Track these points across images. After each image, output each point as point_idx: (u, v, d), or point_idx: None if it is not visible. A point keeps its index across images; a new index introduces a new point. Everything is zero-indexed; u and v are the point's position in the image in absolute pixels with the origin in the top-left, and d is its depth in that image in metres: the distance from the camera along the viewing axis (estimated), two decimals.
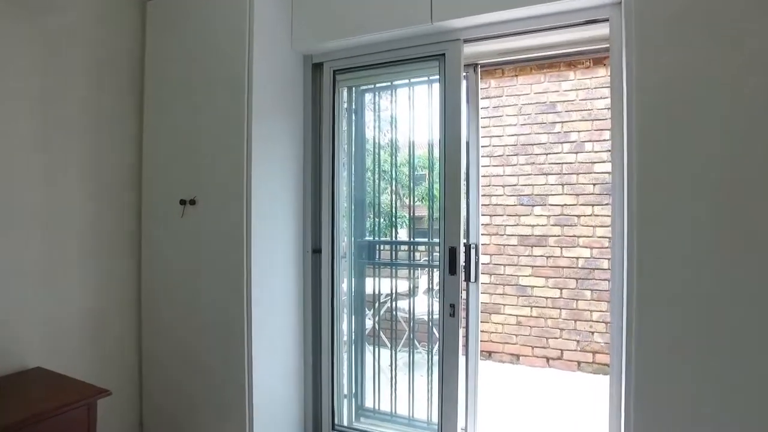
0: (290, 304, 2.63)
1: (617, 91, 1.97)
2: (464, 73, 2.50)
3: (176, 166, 2.47)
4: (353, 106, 3.07)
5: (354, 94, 3.05)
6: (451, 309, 2.37)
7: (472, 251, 2.67)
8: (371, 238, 3.19)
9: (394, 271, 3.12)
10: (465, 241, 2.68)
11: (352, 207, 3.00)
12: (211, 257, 2.37)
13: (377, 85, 3.12)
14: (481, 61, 2.58)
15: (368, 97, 3.24)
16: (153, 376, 2.55)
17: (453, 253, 2.36)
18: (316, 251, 2.76)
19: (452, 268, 2.36)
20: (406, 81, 2.86)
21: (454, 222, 2.36)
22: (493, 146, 4.53)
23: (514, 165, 4.43)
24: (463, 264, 2.44)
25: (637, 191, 1.73)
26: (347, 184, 2.97)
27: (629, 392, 1.76)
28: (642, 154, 1.72)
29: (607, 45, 2.09)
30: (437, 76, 2.45)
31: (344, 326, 2.87)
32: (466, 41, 2.32)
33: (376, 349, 3.02)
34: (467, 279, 2.67)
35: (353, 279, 2.99)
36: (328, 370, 2.71)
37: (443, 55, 2.38)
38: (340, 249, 2.89)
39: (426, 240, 3.12)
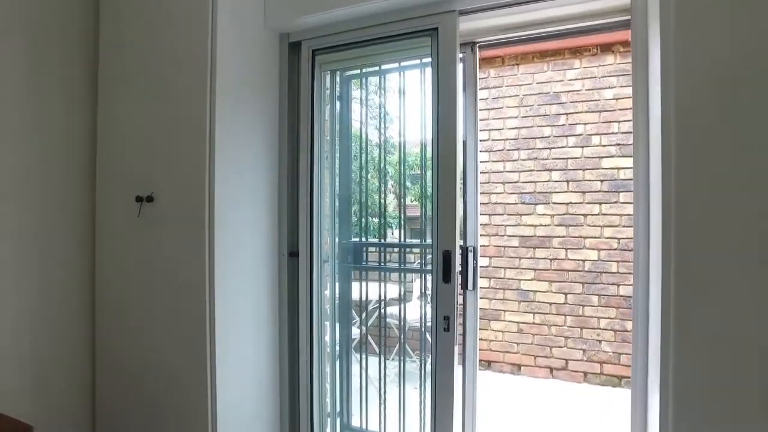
0: (263, 314, 2.32)
1: (641, 71, 1.67)
2: (460, 54, 2.20)
3: (132, 157, 2.15)
4: (337, 93, 2.77)
5: (338, 80, 2.76)
6: (445, 322, 2.06)
7: (470, 255, 2.37)
8: (358, 240, 2.89)
9: (383, 275, 2.81)
10: (461, 243, 2.39)
11: (336, 205, 2.71)
12: (169, 261, 2.06)
13: (364, 71, 2.82)
14: (479, 40, 2.27)
15: (355, 83, 2.95)
16: (106, 403, 2.23)
17: (447, 257, 2.06)
18: (293, 254, 2.45)
19: (446, 275, 2.06)
20: (396, 65, 2.57)
21: (448, 222, 2.06)
22: (493, 140, 4.23)
23: (515, 160, 4.14)
24: (460, 269, 2.14)
25: (677, 187, 1.42)
26: (331, 180, 2.67)
27: (665, 411, 1.45)
28: (684, 144, 1.41)
29: (628, 17, 1.80)
30: (430, 59, 2.14)
31: (328, 337, 2.57)
32: (461, 13, 2.01)
33: (364, 360, 2.72)
34: (464, 286, 2.38)
35: (337, 284, 2.69)
36: (306, 386, 2.40)
37: (435, 29, 2.07)
38: (322, 252, 2.60)
39: (419, 242, 2.82)
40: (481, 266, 4.32)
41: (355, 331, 3.08)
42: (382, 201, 2.90)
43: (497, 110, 4.23)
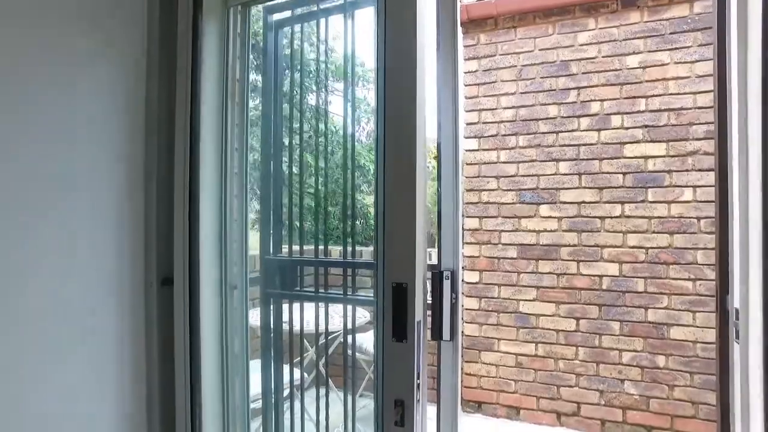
0: (111, 379, 1.42)
1: None
2: None
3: None
4: (250, 42, 1.91)
5: (248, 22, 1.88)
6: (396, 411, 1.16)
7: (446, 283, 1.51)
8: (286, 256, 2.01)
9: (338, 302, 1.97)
10: (433, 263, 1.54)
11: (246, 206, 1.82)
12: None
13: (297, 12, 1.98)
14: None
15: (284, 32, 2.08)
16: None
17: (400, 296, 1.16)
18: (168, 282, 1.55)
19: (399, 326, 1.17)
20: (341, 1, 1.73)
21: (402, 235, 1.17)
22: (484, 123, 3.36)
23: (513, 148, 3.29)
24: (429, 309, 1.28)
25: None
26: (241, 168, 1.79)
27: None
28: None
29: None
30: None
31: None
32: None
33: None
34: (436, 336, 1.50)
35: (258, 316, 1.83)
36: None
37: None
38: (228, 274, 1.72)
39: (373, 260, 1.93)
40: (470, 282, 3.46)
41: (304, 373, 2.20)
42: (324, 200, 2.01)
43: (489, 85, 3.36)
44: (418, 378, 1.20)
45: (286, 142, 2.05)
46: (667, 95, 2.92)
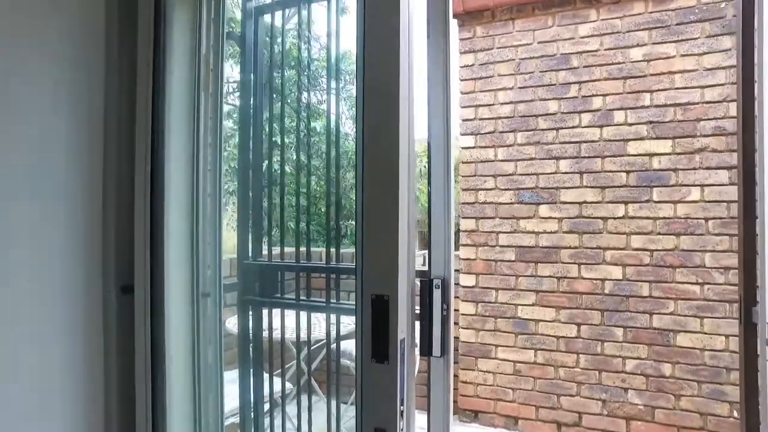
0: (63, 399, 1.26)
1: None
2: None
3: None
4: (224, 30, 1.76)
5: (223, 7, 1.74)
6: None
7: (436, 293, 1.37)
8: (266, 260, 1.88)
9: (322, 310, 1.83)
10: (423, 268, 1.40)
11: (220, 207, 1.68)
12: None
13: None
14: None
15: (265, 20, 1.96)
16: None
17: (381, 310, 1.01)
18: (128, 290, 1.40)
19: (380, 344, 1.02)
20: None
21: (383, 240, 1.02)
22: (480, 119, 3.21)
23: (511, 146, 3.15)
24: (418, 322, 1.14)
25: None
26: (215, 169, 1.67)
27: None
28: None
29: None
30: None
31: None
32: None
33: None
34: (426, 352, 1.36)
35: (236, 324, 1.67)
36: None
37: None
38: (199, 281, 1.58)
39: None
40: (466, 286, 3.30)
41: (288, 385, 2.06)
42: (308, 199, 1.88)
43: (486, 80, 3.22)
44: (402, 404, 1.05)
45: (268, 137, 1.90)
46: (673, 89, 2.77)
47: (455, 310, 3.30)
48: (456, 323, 3.25)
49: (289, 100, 1.86)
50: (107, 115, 1.40)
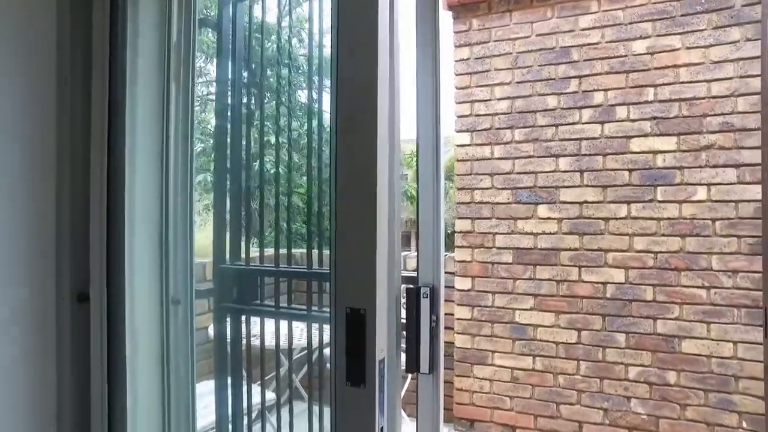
0: (11, 421, 1.14)
1: None
2: None
3: None
4: (197, 16, 1.63)
5: None
6: None
7: (423, 302, 1.24)
8: (243, 264, 1.76)
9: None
10: (410, 274, 1.28)
11: (192, 207, 1.55)
12: None
13: None
14: None
15: (243, 6, 1.84)
16: None
17: (357, 325, 0.88)
18: (84, 298, 1.27)
19: (355, 367, 0.88)
20: None
21: (359, 248, 0.89)
22: (476, 116, 3.10)
23: (508, 143, 3.04)
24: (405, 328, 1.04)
25: None
26: (186, 165, 1.53)
27: None
28: None
29: None
30: None
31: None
32: None
33: None
34: (412, 369, 1.23)
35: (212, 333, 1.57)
36: None
37: None
38: (168, 287, 1.45)
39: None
40: (460, 290, 3.16)
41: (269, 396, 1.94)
42: (289, 198, 1.76)
43: (482, 74, 3.10)
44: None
45: (246, 132, 1.77)
46: (678, 84, 2.65)
47: (450, 314, 3.19)
48: (451, 328, 3.13)
49: (269, 92, 1.73)
50: (60, 105, 1.27)
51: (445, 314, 3.22)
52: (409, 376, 2.48)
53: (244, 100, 1.80)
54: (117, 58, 1.31)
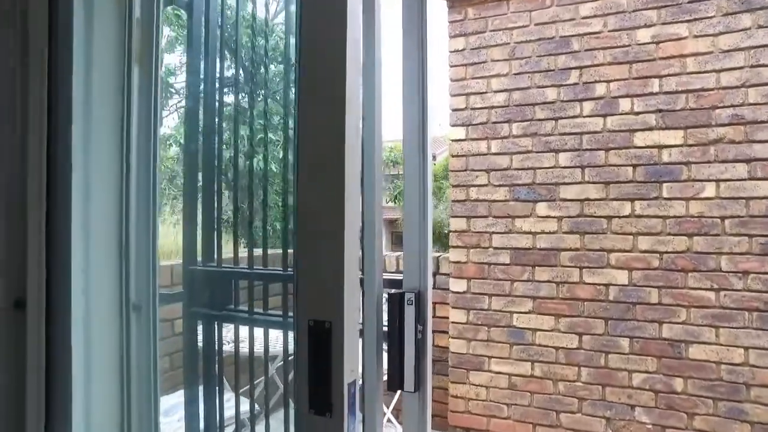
0: None
1: None
2: None
3: None
4: None
5: None
6: None
7: (408, 310, 1.09)
8: (215, 266, 1.61)
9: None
10: (391, 276, 1.11)
11: (156, 204, 1.41)
12: None
13: None
14: None
15: None
16: None
17: (320, 340, 0.72)
18: (21, 305, 1.12)
19: (318, 390, 0.73)
20: None
21: (324, 249, 0.73)
22: (472, 109, 2.97)
23: (505, 137, 2.92)
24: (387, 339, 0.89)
25: None
26: (149, 160, 1.39)
27: None
28: None
29: None
30: None
31: None
32: None
33: None
34: (396, 386, 1.08)
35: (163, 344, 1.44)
36: None
37: None
38: (127, 292, 1.31)
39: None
40: (455, 293, 3.02)
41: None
42: (264, 195, 1.61)
43: (478, 66, 2.97)
44: None
45: (218, 123, 1.62)
46: (684, 74, 2.51)
47: (444, 318, 3.05)
48: (445, 332, 2.99)
49: (242, 81, 1.59)
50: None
51: (440, 318, 3.12)
52: None
53: (216, 89, 1.66)
54: (59, 33, 1.16)
